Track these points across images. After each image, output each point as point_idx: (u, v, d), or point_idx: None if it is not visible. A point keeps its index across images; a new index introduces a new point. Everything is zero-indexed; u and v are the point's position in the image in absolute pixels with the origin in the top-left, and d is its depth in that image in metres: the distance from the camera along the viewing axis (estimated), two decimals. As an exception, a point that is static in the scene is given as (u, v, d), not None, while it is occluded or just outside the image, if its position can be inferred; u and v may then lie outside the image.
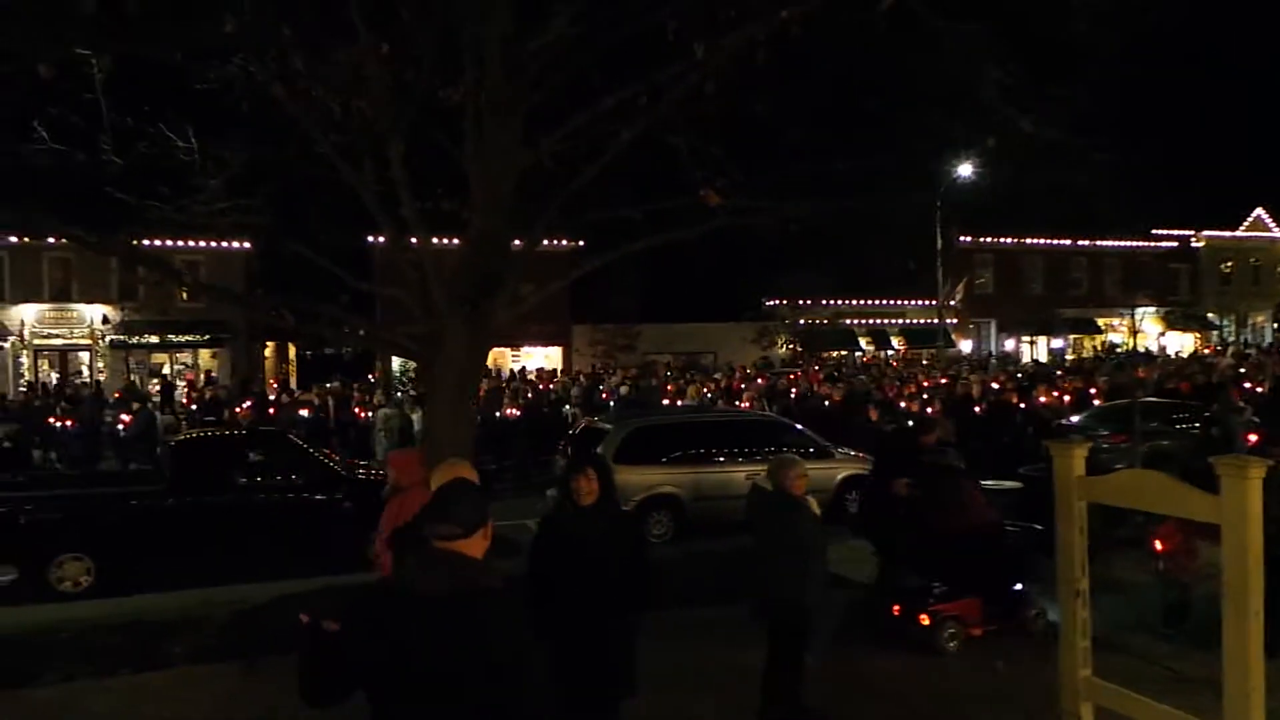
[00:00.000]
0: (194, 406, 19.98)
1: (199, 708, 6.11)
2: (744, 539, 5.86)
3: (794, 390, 19.36)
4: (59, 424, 16.38)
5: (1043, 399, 14.95)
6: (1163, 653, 6.67)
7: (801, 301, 37.08)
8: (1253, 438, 10.95)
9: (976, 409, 14.47)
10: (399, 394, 19.22)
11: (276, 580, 9.30)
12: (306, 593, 8.96)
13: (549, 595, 4.04)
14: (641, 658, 4.32)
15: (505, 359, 34.51)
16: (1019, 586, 7.33)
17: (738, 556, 6.47)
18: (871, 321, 40.33)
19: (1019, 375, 21.74)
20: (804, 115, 8.36)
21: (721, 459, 11.79)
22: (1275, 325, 46.32)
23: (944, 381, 19.78)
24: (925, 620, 6.94)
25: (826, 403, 16.67)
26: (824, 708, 5.68)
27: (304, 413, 17.06)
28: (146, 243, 9.01)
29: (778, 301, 37.47)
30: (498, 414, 16.94)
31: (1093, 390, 17.56)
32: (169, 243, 26.34)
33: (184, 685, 6.64)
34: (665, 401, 18.58)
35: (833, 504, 11.78)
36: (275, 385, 24.14)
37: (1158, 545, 7.24)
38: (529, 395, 18.97)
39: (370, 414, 17.09)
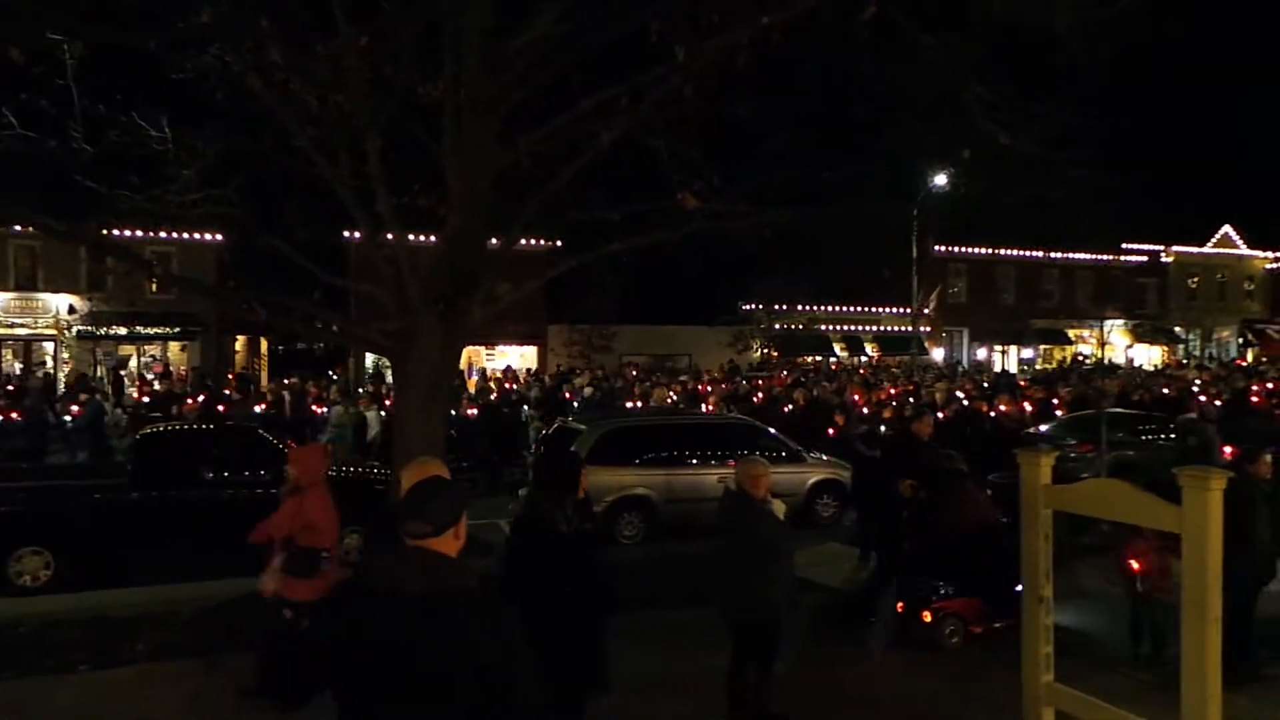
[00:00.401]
0: (145, 400, 19.46)
1: (162, 705, 6.02)
2: (714, 542, 5.87)
3: (757, 396, 19.43)
4: (1, 417, 16.03)
5: (1004, 408, 15.26)
6: (1123, 659, 6.76)
7: (777, 306, 37.26)
8: (1228, 450, 11.13)
9: (940, 414, 14.68)
10: (359, 391, 18.82)
11: (243, 577, 9.19)
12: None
13: (522, 594, 4.03)
14: (610, 659, 4.32)
15: (480, 357, 34.34)
16: (1020, 587, 7.40)
17: (708, 559, 6.47)
18: (846, 328, 40.62)
19: (984, 384, 22.01)
20: (784, 121, 8.40)
21: (694, 461, 11.82)
22: (1239, 340, 47.20)
23: (909, 389, 20.00)
24: (927, 617, 7.15)
25: (789, 408, 16.82)
26: (791, 712, 5.70)
27: (259, 408, 16.58)
28: (116, 232, 8.86)
29: (754, 306, 37.63)
30: (454, 413, 16.73)
31: (1055, 400, 17.83)
32: (139, 233, 26.06)
33: (147, 682, 6.54)
34: (630, 404, 18.57)
35: (804, 508, 11.85)
36: (233, 380, 23.59)
37: (1134, 564, 6.85)
38: (491, 396, 18.84)
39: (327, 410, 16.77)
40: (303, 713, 2.68)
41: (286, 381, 21.00)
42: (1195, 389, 18.98)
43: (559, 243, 24.43)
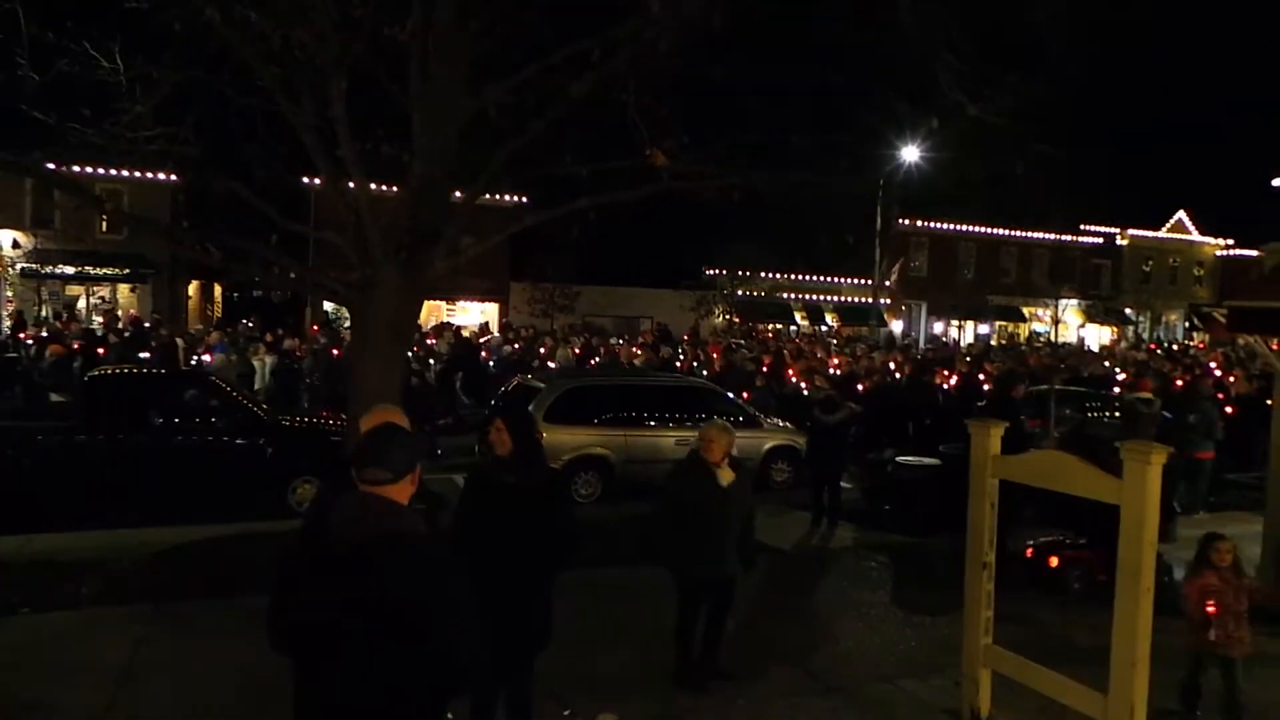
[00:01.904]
0: (31, 342, 18.43)
1: (106, 649, 5.96)
2: (662, 501, 5.91)
3: (680, 362, 19.66)
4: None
5: (936, 380, 16.09)
6: (1055, 623, 6.99)
7: (741, 273, 37.37)
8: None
9: (860, 386, 15.41)
10: (242, 338, 17.65)
11: (193, 524, 9.10)
12: (221, 537, 8.80)
13: (472, 545, 4.03)
14: (563, 615, 4.36)
15: (441, 312, 34.03)
16: None
17: (657, 518, 6.53)
18: (808, 297, 40.92)
19: (919, 357, 22.50)
20: (756, 84, 8.35)
21: (652, 423, 11.88)
22: (1186, 324, 48.49)
23: (836, 361, 20.41)
24: (1054, 562, 7.69)
25: (705, 373, 17.29)
26: (735, 668, 5.83)
27: (145, 355, 15.76)
28: (64, 167, 8.54)
29: (718, 271, 37.70)
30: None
31: (981, 376, 18.28)
32: (89, 169, 25.19)
33: (91, 626, 6.47)
34: (538, 364, 18.61)
35: (759, 473, 12.00)
36: (122, 321, 21.77)
37: (1210, 608, 5.26)
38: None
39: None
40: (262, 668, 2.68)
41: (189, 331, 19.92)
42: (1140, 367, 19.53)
43: (524, 199, 24.19)
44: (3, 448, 9.23)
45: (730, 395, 13.24)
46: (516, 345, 20.98)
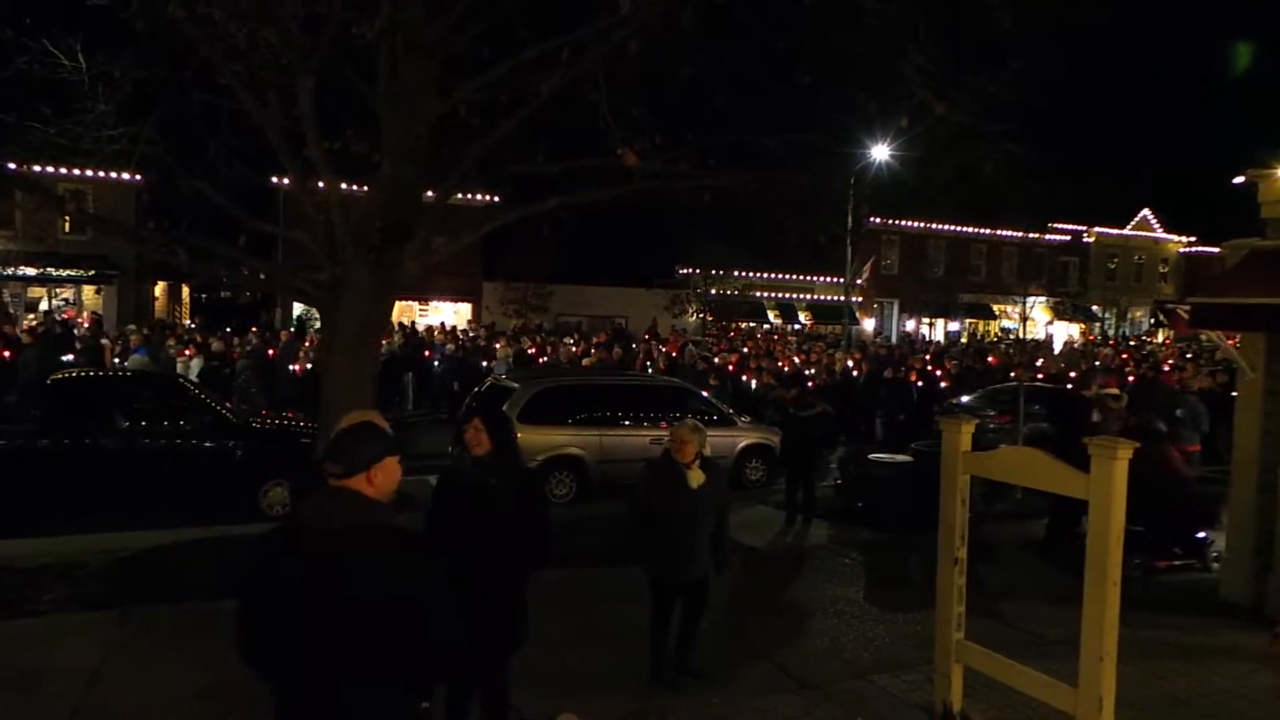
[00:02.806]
0: None
1: (72, 656, 5.85)
2: (635, 500, 5.92)
3: (636, 361, 19.78)
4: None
5: (888, 374, 16.47)
6: (1026, 616, 7.08)
7: (714, 271, 37.44)
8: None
9: (810, 384, 15.71)
10: (164, 337, 17.07)
11: (163, 529, 8.96)
12: (190, 541, 8.68)
13: (446, 545, 4.00)
14: (537, 614, 4.34)
15: (413, 312, 33.78)
16: (1202, 535, 8.63)
17: (632, 519, 6.53)
18: (781, 295, 41.11)
19: (880, 353, 22.80)
20: (727, 84, 8.36)
21: (626, 423, 11.88)
22: (1150, 321, 49.31)
23: (799, 359, 20.64)
24: None
25: (650, 371, 17.69)
26: (709, 666, 5.84)
27: (67, 357, 15.09)
28: (25, 166, 8.35)
29: (691, 270, 37.77)
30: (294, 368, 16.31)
31: (939, 372, 18.55)
32: (50, 169, 24.68)
33: (56, 633, 6.34)
34: (486, 362, 18.70)
35: (733, 472, 12.03)
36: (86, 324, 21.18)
37: None
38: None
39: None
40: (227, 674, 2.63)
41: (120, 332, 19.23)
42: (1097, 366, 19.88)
43: (496, 198, 24.05)
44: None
45: (705, 394, 13.26)
46: (465, 345, 20.87)
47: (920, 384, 16.97)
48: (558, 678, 5.53)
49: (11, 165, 7.86)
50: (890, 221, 41.63)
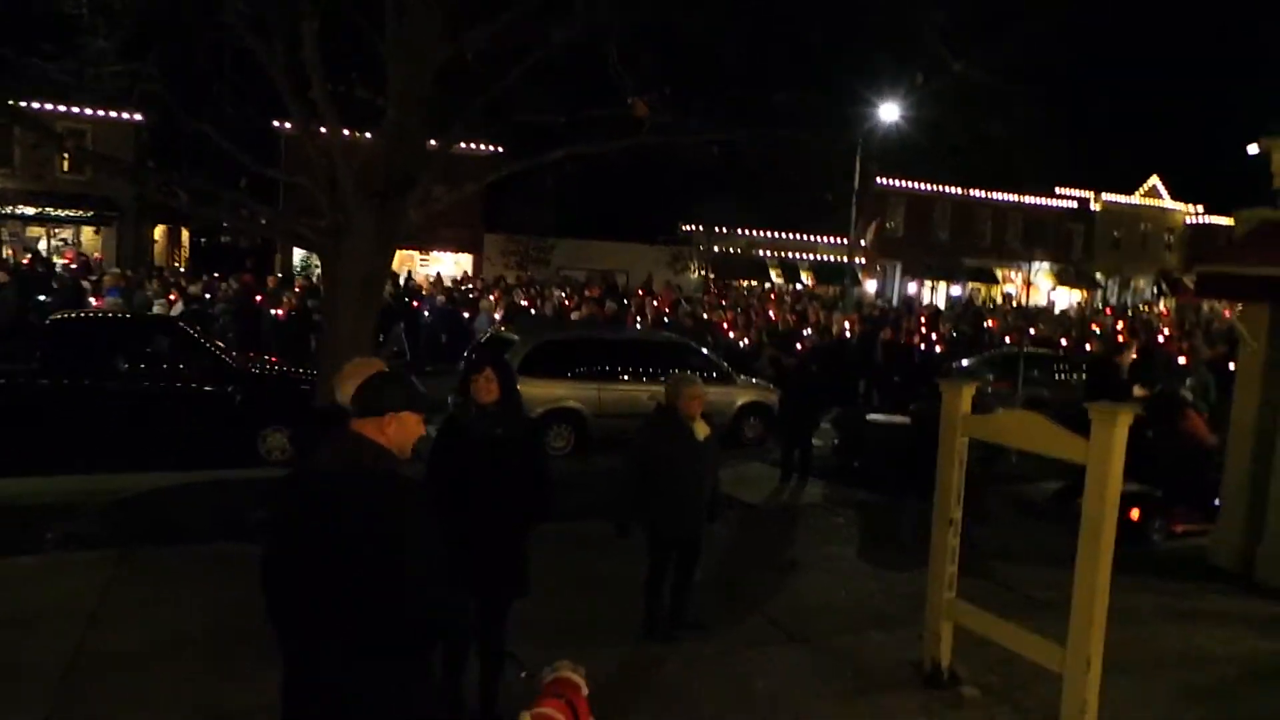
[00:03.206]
0: None
1: (72, 593, 5.92)
2: (633, 455, 5.93)
3: (629, 315, 19.80)
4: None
5: (885, 335, 16.52)
6: (1018, 578, 7.16)
7: (717, 229, 37.21)
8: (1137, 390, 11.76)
9: (798, 345, 15.77)
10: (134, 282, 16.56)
11: (161, 472, 9.02)
12: (189, 485, 8.75)
13: (451, 495, 4.03)
14: (534, 566, 4.39)
15: (414, 262, 33.64)
16: (1217, 502, 8.55)
17: (629, 474, 6.56)
18: (784, 254, 40.90)
19: (875, 314, 22.79)
20: (738, 38, 8.22)
21: (626, 377, 11.89)
22: (1154, 290, 49.16)
23: (792, 318, 20.62)
24: (1135, 515, 8.12)
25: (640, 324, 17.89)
26: (704, 620, 5.92)
27: (43, 298, 15.05)
28: (24, 103, 8.22)
29: (694, 227, 37.52)
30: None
31: (933, 336, 18.56)
32: (49, 106, 24.38)
33: (57, 570, 6.42)
34: (468, 314, 18.75)
35: (731, 429, 12.09)
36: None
37: None
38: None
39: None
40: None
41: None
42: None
43: (500, 149, 23.79)
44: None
45: (705, 351, 13.27)
46: (455, 297, 20.87)
47: (922, 347, 16.97)
48: (554, 628, 5.60)
49: (10, 101, 7.76)
50: (896, 183, 41.24)
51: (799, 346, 15.63)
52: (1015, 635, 4.80)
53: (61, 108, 25.16)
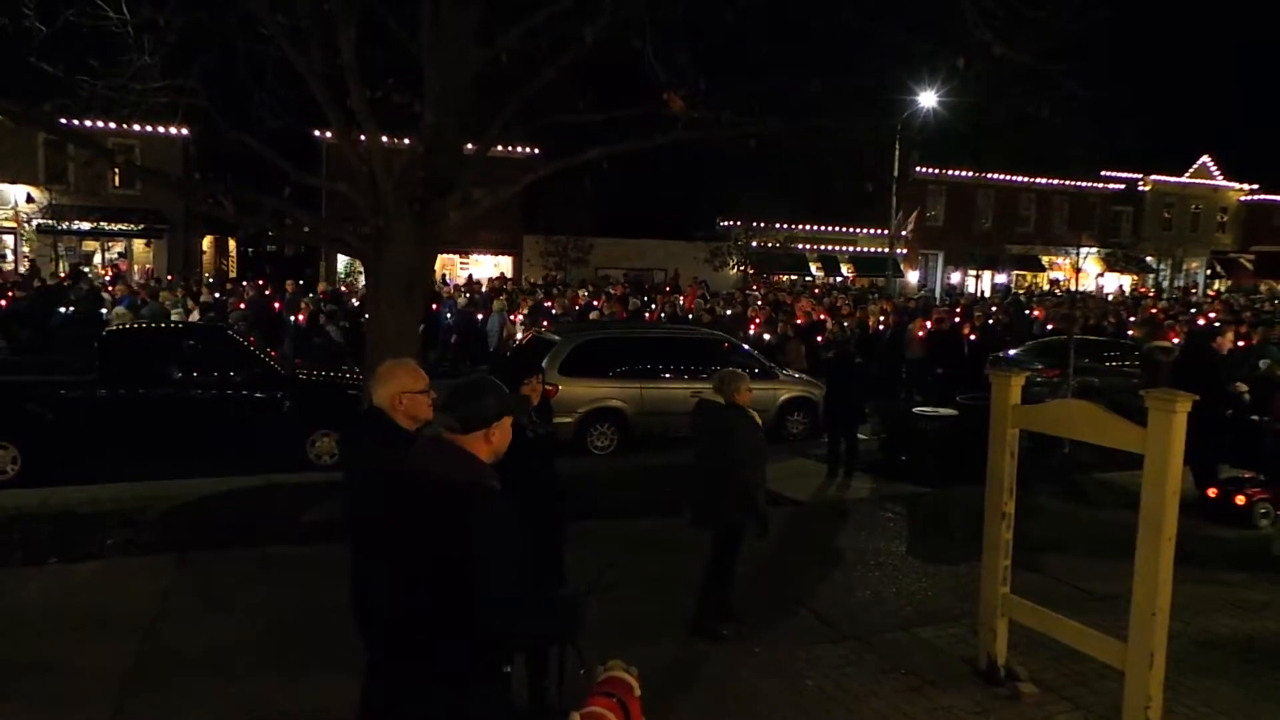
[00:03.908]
0: None
1: (131, 598, 6.06)
2: (687, 453, 5.92)
3: (649, 313, 19.72)
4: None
5: (920, 332, 16.26)
6: (1073, 571, 6.99)
7: (755, 224, 36.95)
8: None
9: (819, 337, 15.82)
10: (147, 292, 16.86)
11: (215, 477, 9.21)
12: (243, 489, 8.92)
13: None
14: (580, 564, 4.39)
15: (454, 266, 33.95)
16: None
17: (681, 470, 6.55)
18: (823, 248, 40.49)
19: (908, 305, 22.40)
20: (772, 28, 8.14)
21: (667, 375, 11.87)
22: (1208, 272, 47.79)
23: (816, 312, 20.31)
24: (1241, 500, 8.26)
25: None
26: (751, 617, 5.87)
27: (62, 310, 15.20)
28: (75, 122, 8.45)
29: (732, 222, 37.31)
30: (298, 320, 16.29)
31: (966, 327, 18.14)
32: (99, 123, 25.04)
33: (117, 576, 6.58)
34: (480, 316, 18.80)
35: (774, 424, 12.00)
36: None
37: None
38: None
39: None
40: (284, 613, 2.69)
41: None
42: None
43: (536, 150, 23.91)
44: (26, 402, 9.34)
45: (746, 347, 13.19)
46: (474, 299, 20.97)
47: (973, 338, 16.62)
48: (602, 627, 5.58)
49: (63, 120, 7.97)
50: (936, 171, 40.57)
51: (819, 339, 15.48)
52: (1074, 631, 4.68)
53: (110, 125, 25.80)
